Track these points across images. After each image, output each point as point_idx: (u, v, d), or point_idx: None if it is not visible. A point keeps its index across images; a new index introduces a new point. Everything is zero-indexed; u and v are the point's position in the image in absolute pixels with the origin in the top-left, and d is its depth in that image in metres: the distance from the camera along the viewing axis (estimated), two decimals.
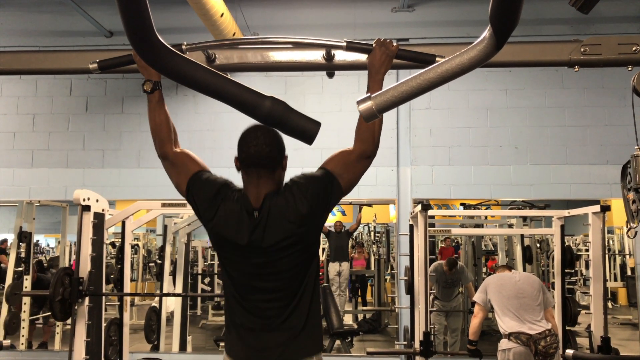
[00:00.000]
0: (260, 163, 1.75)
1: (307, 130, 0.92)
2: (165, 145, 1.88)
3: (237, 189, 1.86)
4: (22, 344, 6.04)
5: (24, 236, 6.14)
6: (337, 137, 4.55)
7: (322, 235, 11.03)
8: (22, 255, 6.19)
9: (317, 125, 0.95)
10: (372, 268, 9.30)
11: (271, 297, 1.79)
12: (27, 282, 6.11)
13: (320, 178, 1.80)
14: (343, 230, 8.95)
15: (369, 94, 0.88)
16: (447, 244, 8.83)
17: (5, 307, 6.11)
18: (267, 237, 1.76)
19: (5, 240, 10.45)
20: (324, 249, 9.61)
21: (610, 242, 9.77)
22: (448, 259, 6.34)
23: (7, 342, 2.76)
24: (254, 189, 1.79)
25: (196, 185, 1.84)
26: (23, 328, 6.05)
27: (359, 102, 0.88)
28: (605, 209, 4.04)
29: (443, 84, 0.88)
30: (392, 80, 1.87)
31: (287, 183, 1.83)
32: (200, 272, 9.86)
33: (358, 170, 1.83)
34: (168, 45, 0.85)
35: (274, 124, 0.90)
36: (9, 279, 6.26)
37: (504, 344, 3.80)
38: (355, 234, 11.21)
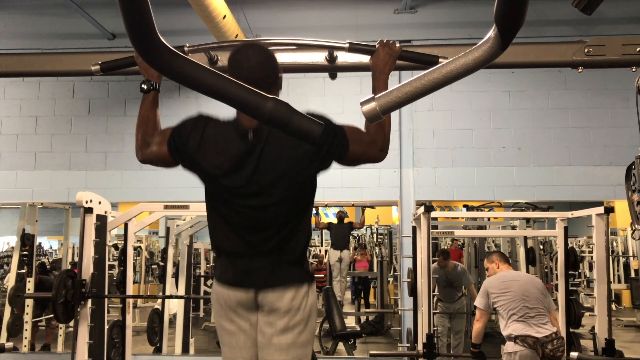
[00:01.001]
0: (252, 84, 1.68)
1: (310, 131, 0.91)
2: (147, 135, 1.82)
3: (219, 117, 1.79)
4: (25, 346, 6.04)
5: (26, 238, 6.15)
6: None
7: (323, 233, 11.08)
8: (25, 257, 6.19)
9: (320, 126, 0.94)
10: (375, 270, 9.28)
11: (260, 225, 1.73)
12: (30, 285, 6.11)
13: (335, 127, 1.76)
14: (345, 220, 8.97)
15: (372, 95, 0.88)
16: (455, 245, 8.79)
17: (8, 309, 6.11)
18: (260, 167, 1.69)
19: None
20: (326, 251, 9.63)
21: (614, 243, 9.74)
22: (439, 251, 6.35)
23: (9, 345, 2.76)
24: None
25: (174, 134, 1.78)
26: (26, 330, 6.06)
27: (363, 103, 0.87)
28: (609, 210, 4.03)
29: (447, 85, 0.87)
30: (394, 82, 1.87)
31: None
32: (202, 274, 9.86)
33: (366, 153, 1.78)
34: (170, 47, 0.85)
35: (277, 125, 0.90)
36: (12, 281, 6.27)
37: (509, 347, 3.77)
38: (358, 234, 11.22)
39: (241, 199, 1.72)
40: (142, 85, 1.84)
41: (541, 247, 8.16)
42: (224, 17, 4.86)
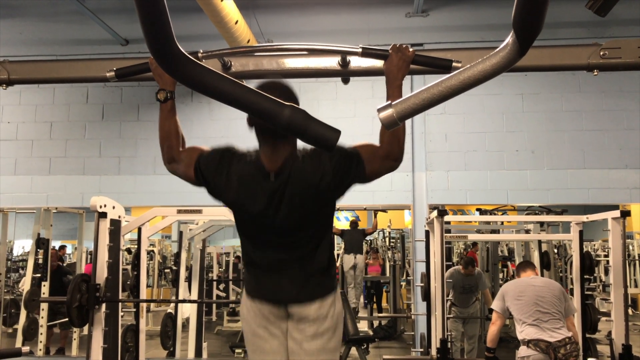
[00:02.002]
0: (275, 132, 1.72)
1: (327, 138, 0.91)
2: (173, 149, 1.88)
3: (245, 150, 1.83)
4: (40, 349, 6.09)
5: (41, 243, 6.21)
6: (351, 143, 4.54)
7: (336, 239, 11.07)
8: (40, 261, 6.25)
9: (337, 133, 0.94)
10: (387, 274, 9.25)
11: (286, 247, 1.81)
12: (45, 289, 6.16)
13: (349, 152, 1.78)
14: (357, 227, 8.95)
15: (389, 102, 0.87)
16: (476, 249, 8.71)
17: (23, 313, 6.17)
18: (284, 205, 1.75)
19: (64, 247, 10.62)
20: (338, 255, 9.60)
21: (630, 247, 9.62)
22: (465, 258, 6.26)
23: (26, 348, 2.78)
24: (269, 150, 1.75)
25: (201, 162, 1.83)
26: (41, 334, 6.10)
27: (380, 110, 0.87)
28: (626, 214, 3.98)
29: (465, 91, 0.86)
30: (405, 86, 1.86)
31: (312, 148, 1.79)
32: (215, 278, 9.89)
33: (383, 166, 1.80)
34: (189, 56, 0.85)
35: (295, 132, 0.90)
36: (27, 285, 6.32)
37: (522, 351, 3.74)
38: (370, 238, 11.18)
39: (267, 228, 1.79)
40: (158, 95, 1.85)
41: (555, 251, 8.09)
42: (236, 22, 4.88)
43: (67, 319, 5.97)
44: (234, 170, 1.78)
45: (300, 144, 1.81)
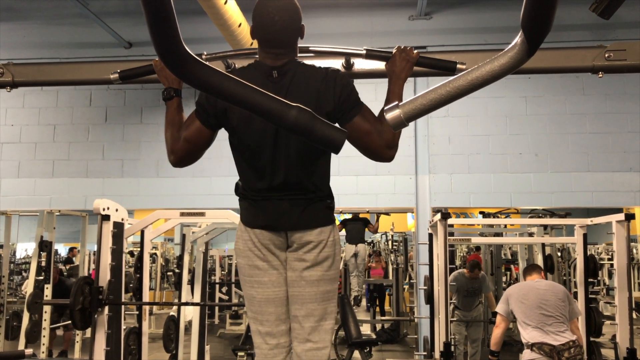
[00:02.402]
0: (278, 45, 1.73)
1: (333, 139, 0.91)
2: (175, 132, 1.84)
3: (242, 66, 1.82)
4: (43, 352, 6.09)
5: (44, 245, 6.21)
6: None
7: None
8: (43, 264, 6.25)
9: (343, 134, 0.93)
10: (390, 277, 9.23)
11: (284, 163, 1.75)
12: (48, 291, 6.16)
13: (356, 91, 1.77)
14: (359, 218, 8.92)
15: (396, 102, 0.87)
16: (479, 252, 8.70)
17: (26, 315, 6.17)
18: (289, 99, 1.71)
19: (73, 249, 10.64)
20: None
21: (634, 250, 9.59)
22: (471, 261, 6.23)
23: (29, 351, 2.78)
24: (272, 54, 1.75)
25: (201, 101, 1.79)
26: (44, 337, 6.10)
27: (387, 111, 0.86)
28: (630, 217, 3.96)
29: (473, 92, 0.86)
30: (408, 88, 1.86)
31: (326, 67, 1.79)
32: (218, 281, 9.88)
33: (371, 135, 1.75)
34: (196, 57, 0.85)
35: (301, 133, 0.90)
36: (30, 288, 6.32)
37: (526, 354, 3.72)
38: (371, 238, 11.16)
39: (267, 138, 1.74)
40: (164, 93, 1.85)
41: (559, 254, 8.06)
42: (239, 25, 4.89)
43: (70, 322, 5.97)
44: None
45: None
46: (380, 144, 1.75)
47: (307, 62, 2.05)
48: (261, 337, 1.82)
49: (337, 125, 1.72)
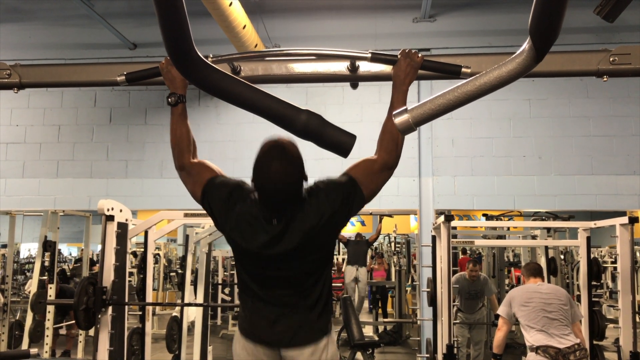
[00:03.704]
0: (279, 197, 1.74)
1: (342, 143, 0.92)
2: (183, 156, 1.90)
3: (251, 188, 1.83)
4: (46, 352, 6.10)
5: (48, 245, 6.23)
6: (358, 147, 4.50)
7: (341, 245, 11.02)
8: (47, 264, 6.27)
9: (352, 138, 0.94)
10: (393, 279, 9.23)
11: (283, 288, 1.83)
12: (52, 291, 6.18)
13: (344, 184, 1.80)
14: (362, 238, 8.93)
15: (405, 107, 0.87)
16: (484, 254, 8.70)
17: (29, 315, 6.18)
18: (283, 244, 1.77)
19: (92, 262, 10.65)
20: (343, 260, 9.57)
21: (638, 254, 9.56)
22: (472, 259, 6.24)
23: (34, 350, 2.79)
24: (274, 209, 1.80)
25: (210, 190, 1.85)
26: (47, 336, 6.12)
27: (396, 115, 0.87)
28: (634, 220, 3.96)
29: (481, 97, 0.86)
30: (412, 91, 1.86)
31: (311, 187, 1.81)
32: (220, 282, 9.90)
33: (380, 180, 1.82)
34: (207, 61, 0.86)
35: (310, 137, 0.91)
36: (33, 288, 6.34)
37: (531, 357, 3.71)
38: (375, 244, 11.16)
39: (266, 262, 1.81)
40: (169, 99, 1.86)
41: (562, 257, 8.04)
42: (244, 27, 4.90)
43: (73, 321, 5.98)
44: (239, 210, 1.81)
45: (310, 183, 1.84)
46: (389, 174, 1.83)
47: (312, 65, 2.06)
48: None
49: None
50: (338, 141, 0.90)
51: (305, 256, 1.81)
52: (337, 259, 11.81)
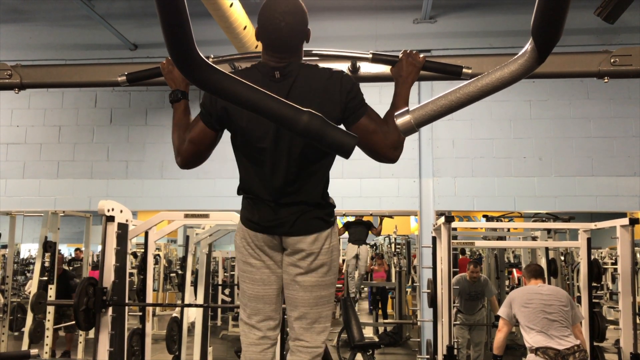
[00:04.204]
0: (282, 49, 1.72)
1: (344, 144, 0.92)
2: (181, 134, 1.84)
3: (246, 67, 1.80)
4: (46, 352, 6.10)
5: (49, 246, 6.22)
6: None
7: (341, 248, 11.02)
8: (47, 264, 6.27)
9: (354, 139, 0.94)
10: (393, 280, 9.22)
11: (284, 168, 1.74)
12: (52, 292, 6.18)
13: (360, 101, 1.74)
14: (362, 221, 8.91)
15: (406, 108, 0.87)
16: (484, 255, 8.69)
17: (30, 316, 6.18)
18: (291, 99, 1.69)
19: (77, 250, 10.65)
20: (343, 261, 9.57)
21: (638, 255, 9.55)
22: (472, 260, 6.25)
23: (34, 351, 2.79)
24: (276, 55, 1.74)
25: (204, 102, 1.79)
26: (47, 337, 6.11)
27: (397, 116, 0.87)
28: (634, 222, 3.96)
29: (483, 98, 0.87)
30: (413, 91, 1.87)
31: (332, 68, 1.77)
32: (220, 282, 9.89)
33: (376, 136, 1.73)
34: (209, 62, 0.86)
35: (312, 138, 0.91)
36: (34, 288, 6.34)
37: (530, 358, 3.72)
38: (374, 240, 11.17)
39: (268, 141, 1.74)
40: (171, 96, 1.86)
41: (562, 258, 8.03)
42: (245, 27, 4.90)
43: (73, 322, 5.98)
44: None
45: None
46: (385, 144, 1.74)
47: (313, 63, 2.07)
48: (248, 327, 1.85)
49: (342, 126, 1.72)
50: (340, 142, 0.90)
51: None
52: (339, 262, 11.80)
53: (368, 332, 8.30)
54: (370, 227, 8.93)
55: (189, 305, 5.95)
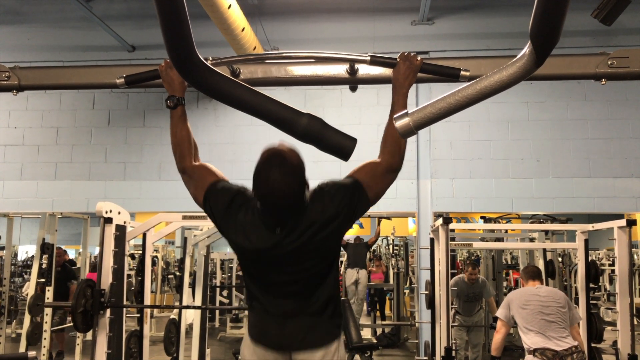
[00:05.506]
0: (280, 207, 1.71)
1: (343, 146, 0.93)
2: (185, 159, 1.88)
3: (253, 196, 1.80)
4: (44, 354, 6.09)
5: (46, 248, 6.21)
6: (357, 150, 4.53)
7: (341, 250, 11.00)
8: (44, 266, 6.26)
9: (353, 141, 0.95)
10: (391, 281, 9.22)
11: (290, 290, 1.81)
12: (49, 293, 6.17)
13: (349, 186, 1.79)
14: (361, 241, 8.91)
15: (405, 111, 0.88)
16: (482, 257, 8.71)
17: (27, 318, 6.16)
18: (288, 247, 1.75)
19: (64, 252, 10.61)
20: (341, 262, 9.56)
21: (635, 256, 9.58)
22: (470, 261, 6.26)
23: (32, 353, 2.78)
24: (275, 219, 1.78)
25: (212, 195, 1.83)
26: (45, 339, 6.10)
27: (396, 119, 0.88)
28: (632, 223, 3.97)
29: (481, 101, 0.87)
30: (411, 93, 1.87)
31: (315, 189, 1.79)
32: (218, 284, 9.88)
33: (385, 182, 1.82)
34: (209, 65, 0.86)
35: (311, 140, 0.91)
36: (31, 290, 6.33)
37: None
38: (373, 246, 11.15)
39: (272, 264, 1.79)
40: (168, 102, 1.86)
41: (560, 259, 8.05)
42: (243, 29, 4.91)
43: (70, 324, 5.97)
44: (242, 218, 1.78)
45: (314, 186, 1.83)
46: (391, 178, 1.84)
47: (311, 68, 2.07)
48: None
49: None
50: (339, 144, 0.91)
51: (311, 259, 1.79)
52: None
53: (366, 333, 8.30)
54: (369, 247, 8.92)
55: (187, 307, 5.94)
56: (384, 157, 1.80)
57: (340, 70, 2.07)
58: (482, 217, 7.26)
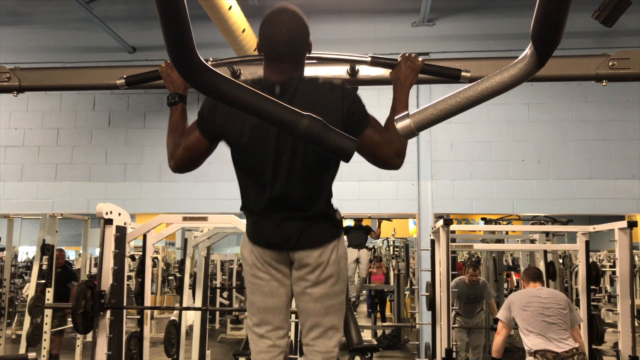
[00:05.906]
0: (283, 59, 1.71)
1: (344, 147, 0.92)
2: (176, 139, 1.85)
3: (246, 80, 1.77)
4: (44, 356, 6.08)
5: (46, 249, 6.21)
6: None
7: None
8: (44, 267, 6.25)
9: (354, 142, 0.95)
10: (391, 283, 9.21)
11: (285, 180, 1.73)
12: (50, 295, 6.16)
13: (362, 102, 1.74)
14: (362, 224, 8.89)
15: (406, 112, 0.87)
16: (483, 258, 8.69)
17: (27, 319, 6.16)
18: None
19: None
20: None
21: (636, 258, 9.57)
22: (471, 263, 6.25)
23: (32, 355, 2.77)
24: (277, 68, 1.73)
25: (202, 111, 1.77)
26: (45, 340, 6.09)
27: (397, 120, 0.87)
28: (633, 224, 3.96)
29: (482, 102, 0.87)
30: (411, 94, 1.87)
31: (326, 78, 1.77)
32: (219, 285, 9.87)
33: (381, 145, 1.73)
34: (210, 66, 0.86)
35: (312, 142, 0.91)
36: (31, 291, 6.32)
37: None
38: (373, 243, 11.13)
39: (268, 154, 1.73)
40: (169, 99, 1.85)
41: (561, 261, 8.04)
42: (243, 30, 4.91)
43: (69, 326, 5.97)
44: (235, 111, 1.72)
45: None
46: (390, 153, 1.74)
47: (312, 69, 2.07)
48: (257, 336, 1.85)
49: None
50: (340, 146, 0.91)
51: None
52: None
53: (366, 335, 8.29)
54: (369, 231, 8.91)
55: (187, 309, 5.94)
56: (389, 132, 1.74)
57: (341, 71, 2.07)
58: (482, 219, 7.25)
